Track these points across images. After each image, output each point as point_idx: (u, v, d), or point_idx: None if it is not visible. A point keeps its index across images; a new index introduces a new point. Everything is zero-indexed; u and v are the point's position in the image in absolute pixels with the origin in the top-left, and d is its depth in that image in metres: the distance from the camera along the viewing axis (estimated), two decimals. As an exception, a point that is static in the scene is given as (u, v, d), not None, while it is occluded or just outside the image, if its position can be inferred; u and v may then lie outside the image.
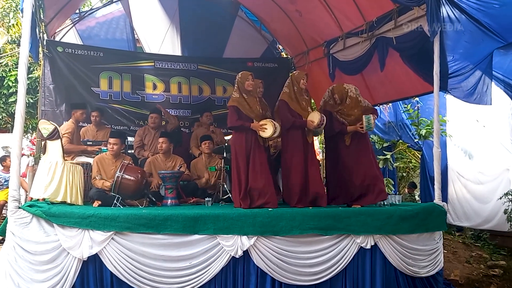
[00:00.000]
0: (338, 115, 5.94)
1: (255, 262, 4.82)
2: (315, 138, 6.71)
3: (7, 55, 11.63)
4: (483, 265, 7.08)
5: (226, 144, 7.01)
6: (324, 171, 7.10)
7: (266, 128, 5.53)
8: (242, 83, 5.72)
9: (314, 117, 5.66)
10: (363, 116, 5.79)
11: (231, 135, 6.69)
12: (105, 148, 6.28)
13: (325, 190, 5.96)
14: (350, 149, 5.88)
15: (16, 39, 11.73)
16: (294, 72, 6.02)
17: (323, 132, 6.23)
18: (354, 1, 6.77)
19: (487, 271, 6.83)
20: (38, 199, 5.08)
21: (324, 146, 6.84)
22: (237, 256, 4.76)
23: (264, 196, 5.42)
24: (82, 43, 8.93)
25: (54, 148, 5.31)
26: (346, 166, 5.86)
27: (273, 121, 5.61)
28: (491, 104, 5.65)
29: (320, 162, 8.30)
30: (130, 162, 5.96)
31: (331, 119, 5.95)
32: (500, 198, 7.07)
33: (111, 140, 6.04)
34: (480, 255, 7.51)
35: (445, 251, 6.63)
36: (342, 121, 5.90)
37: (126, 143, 7.81)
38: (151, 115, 7.51)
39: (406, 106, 9.06)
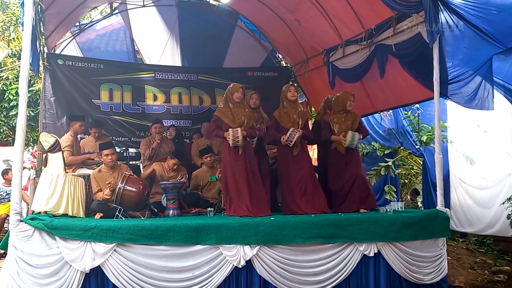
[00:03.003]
0: (330, 123, 6.19)
1: (258, 272, 4.80)
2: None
3: (8, 69, 11.67)
4: (488, 271, 7.04)
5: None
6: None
7: (229, 136, 5.65)
8: (231, 94, 5.85)
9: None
10: (349, 131, 6.00)
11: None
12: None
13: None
14: (340, 157, 6.11)
15: (16, 53, 11.79)
16: (283, 86, 6.14)
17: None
18: (353, 9, 6.80)
19: (492, 277, 6.79)
20: (39, 212, 5.07)
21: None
22: (240, 266, 4.75)
23: (252, 207, 5.53)
24: (82, 56, 8.98)
25: (55, 160, 5.31)
26: (334, 173, 6.15)
27: (238, 129, 5.63)
28: (493, 109, 5.64)
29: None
30: (131, 173, 5.94)
31: (319, 128, 6.26)
32: (503, 203, 7.04)
33: (107, 152, 5.94)
34: (484, 261, 7.47)
35: (449, 257, 6.60)
36: (331, 128, 6.15)
37: (128, 154, 7.83)
38: (154, 125, 7.48)
39: (406, 112, 9.06)
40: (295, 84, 6.19)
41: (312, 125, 6.68)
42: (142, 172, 6.89)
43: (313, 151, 9.01)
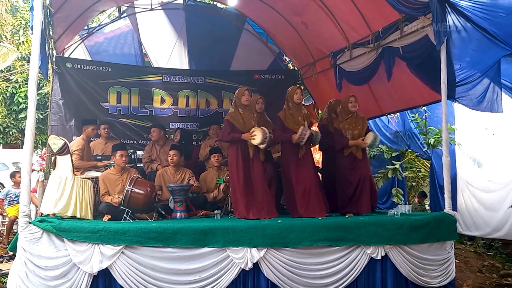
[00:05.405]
0: (342, 130, 6.13)
1: (265, 274, 4.81)
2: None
3: (17, 72, 11.79)
4: (496, 274, 7.00)
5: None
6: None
7: (255, 135, 5.62)
8: (239, 98, 5.89)
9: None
10: (370, 132, 6.01)
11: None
12: (113, 162, 6.28)
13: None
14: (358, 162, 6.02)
15: (26, 56, 11.91)
16: (289, 88, 6.15)
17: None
18: (360, 12, 6.80)
19: (500, 280, 6.75)
20: (48, 214, 5.10)
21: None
22: (247, 269, 4.75)
23: (259, 210, 5.54)
24: (90, 59, 9.03)
25: (64, 163, 5.35)
26: (345, 177, 6.05)
27: (264, 128, 5.65)
28: (502, 112, 5.61)
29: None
30: (139, 176, 5.97)
31: (327, 132, 6.26)
32: (511, 206, 7.00)
33: (122, 153, 6.03)
34: (493, 264, 7.44)
35: (457, 260, 6.57)
36: (345, 135, 6.09)
37: (135, 157, 7.89)
38: (152, 129, 7.61)
39: (414, 115, 9.04)
40: (301, 87, 6.14)
41: (319, 129, 6.63)
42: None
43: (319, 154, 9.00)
